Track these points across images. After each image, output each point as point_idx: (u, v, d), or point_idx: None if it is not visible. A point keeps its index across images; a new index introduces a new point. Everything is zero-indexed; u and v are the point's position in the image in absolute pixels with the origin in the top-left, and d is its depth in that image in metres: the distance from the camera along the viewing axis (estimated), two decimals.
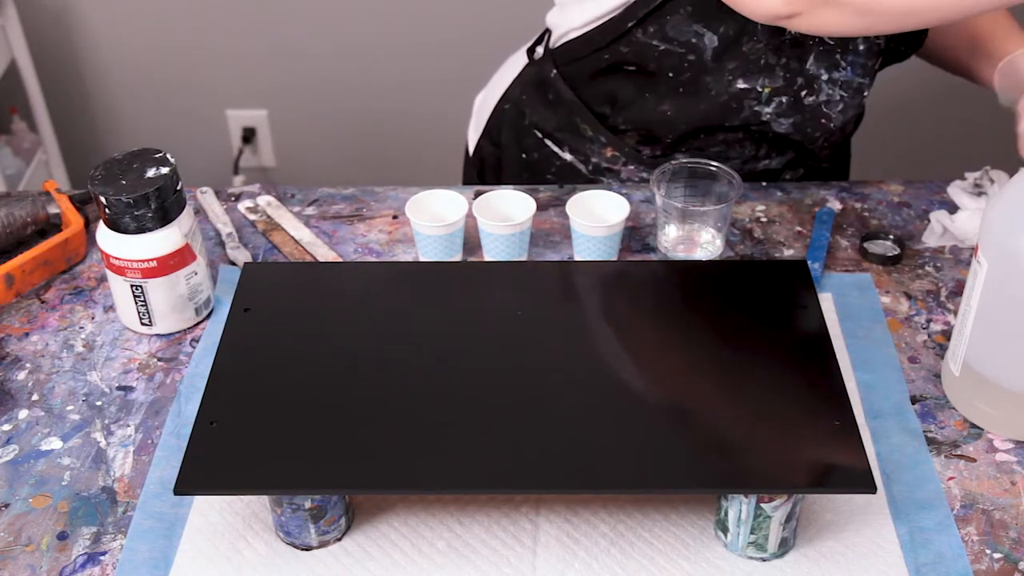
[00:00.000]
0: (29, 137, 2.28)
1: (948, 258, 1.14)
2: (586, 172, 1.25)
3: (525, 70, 1.29)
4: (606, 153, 1.23)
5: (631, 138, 1.22)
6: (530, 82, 1.28)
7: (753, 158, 1.22)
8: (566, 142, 1.25)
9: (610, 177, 1.24)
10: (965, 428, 0.95)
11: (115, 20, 2.30)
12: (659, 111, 1.18)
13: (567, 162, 1.26)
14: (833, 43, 1.13)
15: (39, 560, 0.85)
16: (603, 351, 0.92)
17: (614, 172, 1.24)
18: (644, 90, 1.18)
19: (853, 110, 1.19)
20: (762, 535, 0.83)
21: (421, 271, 1.03)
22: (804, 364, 0.89)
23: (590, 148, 1.24)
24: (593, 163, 1.24)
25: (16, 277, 1.08)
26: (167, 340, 1.05)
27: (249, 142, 2.43)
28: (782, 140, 1.20)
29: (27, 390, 1.00)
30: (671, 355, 0.92)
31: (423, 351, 0.91)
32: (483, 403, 0.86)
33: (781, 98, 1.16)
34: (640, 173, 1.23)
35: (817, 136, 1.19)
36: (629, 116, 1.20)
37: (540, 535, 0.86)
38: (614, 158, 1.23)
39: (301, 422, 0.84)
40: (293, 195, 1.23)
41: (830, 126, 1.18)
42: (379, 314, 0.96)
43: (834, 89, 1.16)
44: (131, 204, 0.97)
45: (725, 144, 1.21)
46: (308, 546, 0.85)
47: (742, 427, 0.84)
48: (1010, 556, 0.84)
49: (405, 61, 2.31)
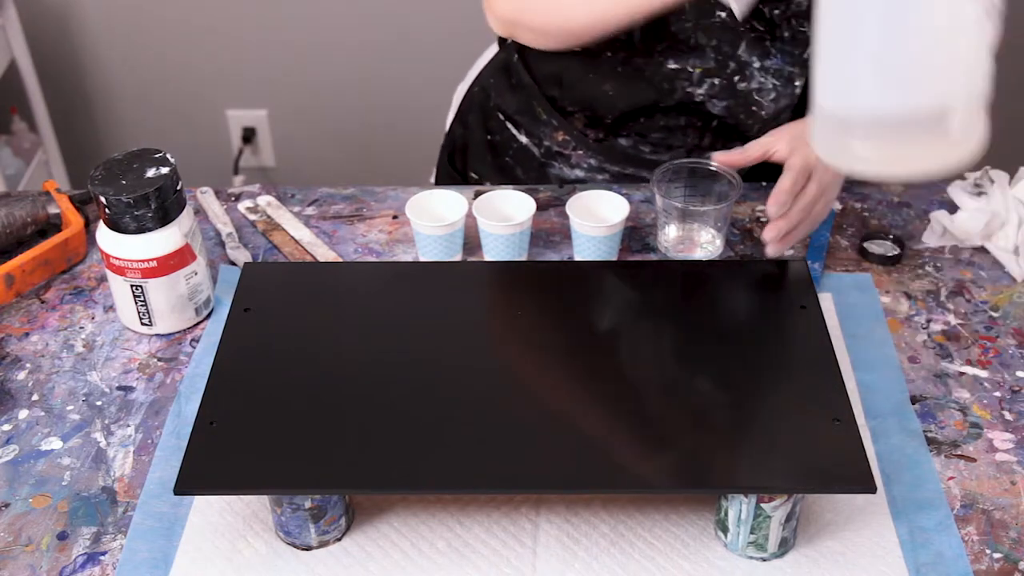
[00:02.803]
0: (29, 137, 2.28)
1: (948, 258, 1.14)
2: (539, 155, 1.28)
3: (496, 56, 1.35)
4: (557, 137, 1.26)
5: (579, 120, 1.25)
6: (498, 67, 1.33)
7: (697, 147, 1.23)
8: (523, 125, 1.29)
9: (560, 162, 1.27)
10: (965, 428, 0.95)
11: (115, 20, 2.29)
12: (602, 90, 1.21)
13: (523, 144, 1.29)
14: (763, 29, 1.14)
15: (39, 560, 0.85)
16: (603, 351, 0.92)
17: (564, 157, 1.27)
18: (588, 70, 1.20)
19: (786, 99, 1.19)
20: (762, 535, 0.83)
21: (421, 271, 1.03)
22: (804, 364, 0.89)
23: (543, 131, 1.27)
24: (545, 146, 1.27)
25: (16, 277, 1.08)
26: (167, 340, 1.05)
27: (249, 142, 2.43)
28: (726, 130, 1.21)
29: (27, 390, 1.00)
30: (671, 355, 0.92)
31: (423, 351, 0.91)
32: (483, 403, 0.86)
33: (713, 80, 1.16)
34: (588, 159, 1.26)
35: (751, 123, 1.19)
36: (575, 96, 1.23)
37: (540, 535, 0.86)
38: (564, 142, 1.26)
39: (301, 422, 0.84)
40: (293, 195, 1.23)
41: (762, 114, 1.19)
42: (379, 314, 0.96)
43: (766, 77, 1.16)
44: (131, 204, 0.97)
45: (667, 130, 1.22)
46: (308, 546, 0.85)
47: (742, 427, 0.84)
48: (1010, 556, 0.84)
49: (405, 61, 2.31)
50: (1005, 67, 2.63)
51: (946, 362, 1.01)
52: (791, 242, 1.07)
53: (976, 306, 1.07)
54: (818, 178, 1.06)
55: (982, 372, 1.00)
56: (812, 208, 1.06)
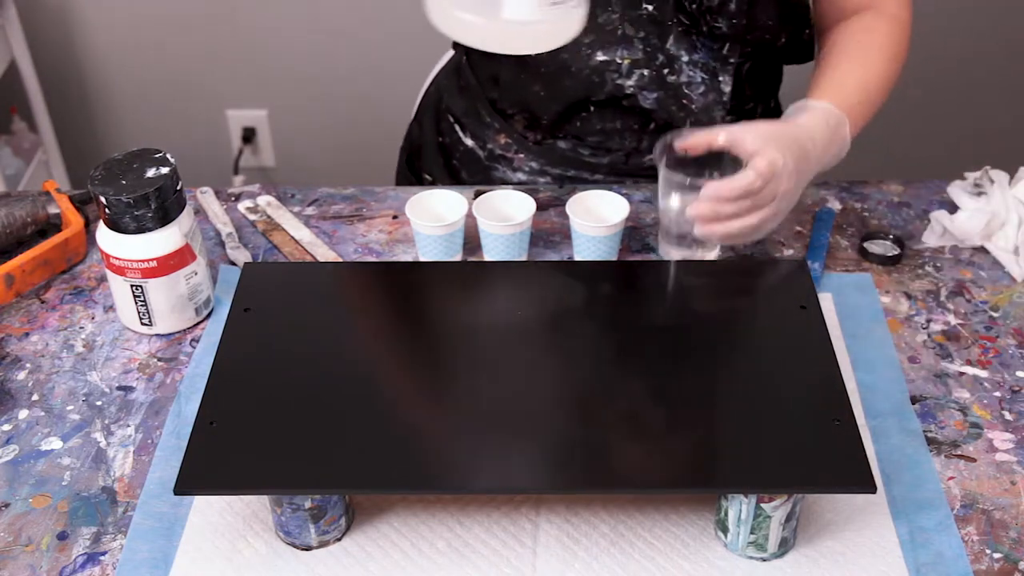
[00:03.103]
0: (29, 137, 2.28)
1: (948, 258, 1.14)
2: (483, 158, 1.29)
3: (451, 57, 1.36)
4: (500, 140, 1.27)
5: (519, 123, 1.25)
6: (451, 68, 1.34)
7: (635, 151, 1.23)
8: (469, 127, 1.29)
9: (504, 165, 1.28)
10: (965, 428, 0.95)
11: (115, 20, 2.30)
12: (533, 90, 1.21)
13: (468, 147, 1.30)
14: (688, 23, 1.14)
15: (39, 560, 0.85)
16: (603, 351, 0.92)
17: (507, 160, 1.27)
18: (520, 70, 1.21)
19: (714, 94, 1.18)
20: (762, 535, 0.83)
21: (421, 271, 1.03)
22: (804, 364, 0.89)
23: (487, 134, 1.28)
24: (488, 149, 1.28)
25: (16, 277, 1.08)
26: (167, 340, 1.05)
27: (249, 142, 2.43)
28: (664, 132, 1.20)
29: (27, 390, 1.00)
30: (671, 355, 0.92)
31: (423, 351, 0.91)
32: (483, 403, 0.86)
33: (643, 71, 1.16)
34: (529, 163, 1.26)
35: (683, 116, 1.19)
36: (512, 97, 1.24)
37: (540, 535, 0.86)
38: (507, 145, 1.27)
39: (301, 422, 0.84)
40: (293, 195, 1.23)
41: (693, 107, 1.19)
42: (379, 314, 0.96)
43: (695, 71, 1.17)
44: (131, 204, 0.97)
45: (604, 133, 1.22)
46: (308, 546, 0.85)
47: (742, 427, 0.84)
48: (1010, 556, 0.84)
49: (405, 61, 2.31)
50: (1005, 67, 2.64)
51: (946, 362, 1.01)
52: (717, 233, 1.00)
53: (976, 306, 1.07)
54: (775, 190, 0.99)
55: (982, 372, 1.00)
56: (752, 213, 0.99)
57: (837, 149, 1.08)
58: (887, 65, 1.14)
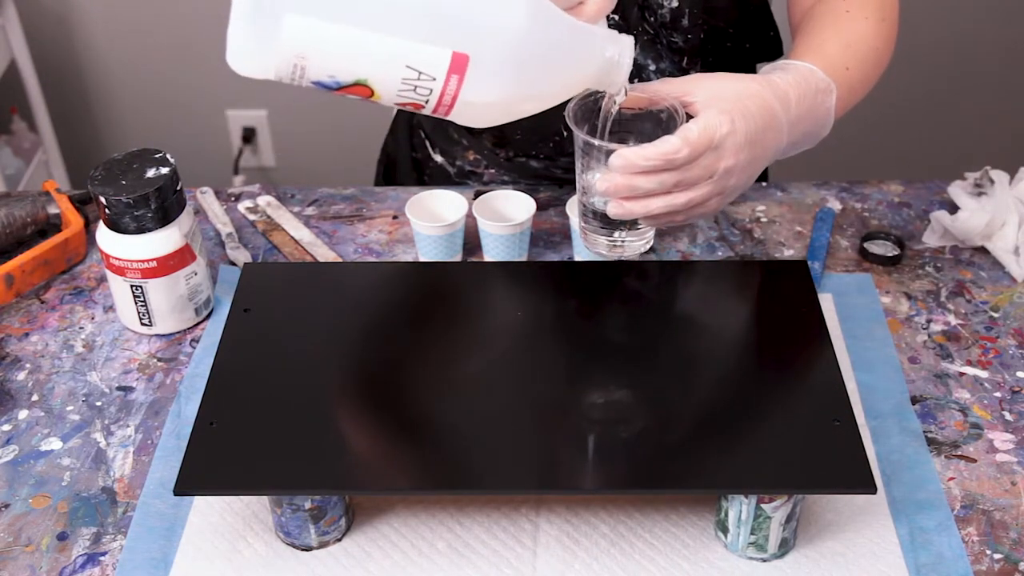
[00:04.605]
0: (29, 137, 2.28)
1: (948, 258, 1.14)
2: (453, 175, 1.29)
3: None
4: (468, 156, 1.27)
5: (488, 139, 1.25)
6: None
7: None
8: (438, 143, 1.29)
9: (474, 180, 1.27)
10: (965, 428, 0.95)
11: (115, 20, 2.30)
12: None
13: (438, 163, 1.30)
14: (653, 32, 1.13)
15: (39, 560, 0.85)
16: (602, 351, 0.92)
17: (477, 175, 1.27)
18: None
19: None
20: (762, 535, 0.83)
21: (421, 271, 1.03)
22: (804, 364, 0.89)
23: (455, 150, 1.27)
24: (458, 165, 1.28)
25: (16, 277, 1.08)
26: (167, 340, 1.05)
27: (249, 142, 2.44)
28: None
29: (27, 390, 1.00)
30: (671, 355, 0.92)
31: (422, 351, 0.91)
32: (482, 403, 0.86)
33: None
34: (500, 177, 1.26)
35: None
36: None
37: (540, 535, 0.86)
38: (476, 161, 1.26)
39: (301, 422, 0.84)
40: (293, 195, 1.23)
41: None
42: (379, 314, 0.96)
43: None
44: (131, 204, 0.97)
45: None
46: (308, 546, 0.85)
47: (742, 427, 0.84)
48: (1010, 556, 0.84)
49: None
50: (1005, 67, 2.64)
51: (946, 362, 1.01)
52: (634, 212, 0.87)
53: (976, 306, 1.07)
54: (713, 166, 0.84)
55: (982, 372, 1.00)
56: (682, 191, 0.85)
57: (816, 122, 0.93)
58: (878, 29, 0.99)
